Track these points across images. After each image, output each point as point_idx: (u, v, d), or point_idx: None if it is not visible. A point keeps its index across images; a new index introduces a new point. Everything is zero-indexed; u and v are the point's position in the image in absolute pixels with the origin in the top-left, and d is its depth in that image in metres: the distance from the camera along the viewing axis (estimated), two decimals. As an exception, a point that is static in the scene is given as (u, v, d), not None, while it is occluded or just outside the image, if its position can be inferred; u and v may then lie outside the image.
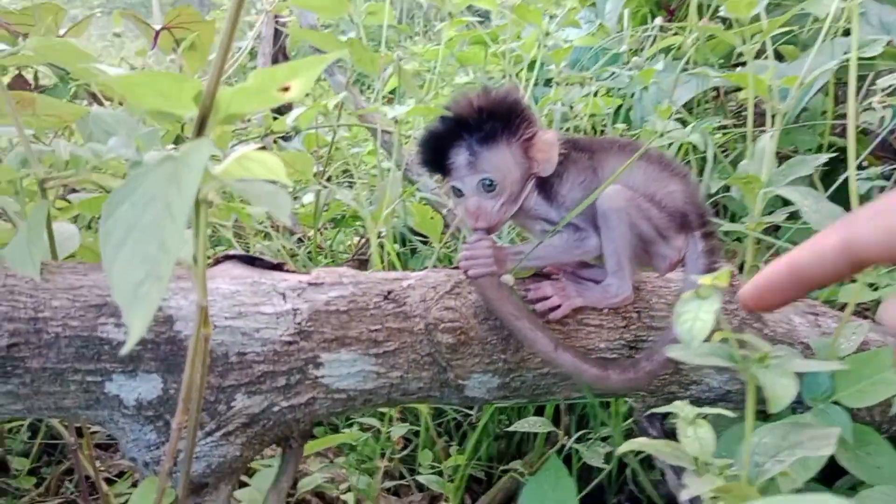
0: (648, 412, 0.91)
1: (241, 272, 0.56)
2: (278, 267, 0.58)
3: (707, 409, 0.50)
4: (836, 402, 0.65)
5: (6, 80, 1.05)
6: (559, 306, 0.60)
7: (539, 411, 0.95)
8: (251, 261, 0.58)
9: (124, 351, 0.29)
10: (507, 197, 0.61)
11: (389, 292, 0.58)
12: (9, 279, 0.49)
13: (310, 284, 0.56)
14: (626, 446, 0.51)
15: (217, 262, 0.58)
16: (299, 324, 0.54)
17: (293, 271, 0.59)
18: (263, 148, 0.41)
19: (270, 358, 0.52)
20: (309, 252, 1.21)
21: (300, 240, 1.26)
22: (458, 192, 0.61)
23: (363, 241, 1.29)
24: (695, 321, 0.41)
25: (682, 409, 0.48)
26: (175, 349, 0.50)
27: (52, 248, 0.55)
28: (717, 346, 0.45)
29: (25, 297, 0.48)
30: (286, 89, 0.38)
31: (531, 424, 0.90)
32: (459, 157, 0.59)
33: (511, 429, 0.90)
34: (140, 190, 0.34)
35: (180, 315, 0.51)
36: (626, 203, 0.58)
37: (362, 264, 1.20)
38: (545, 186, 0.63)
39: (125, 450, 0.52)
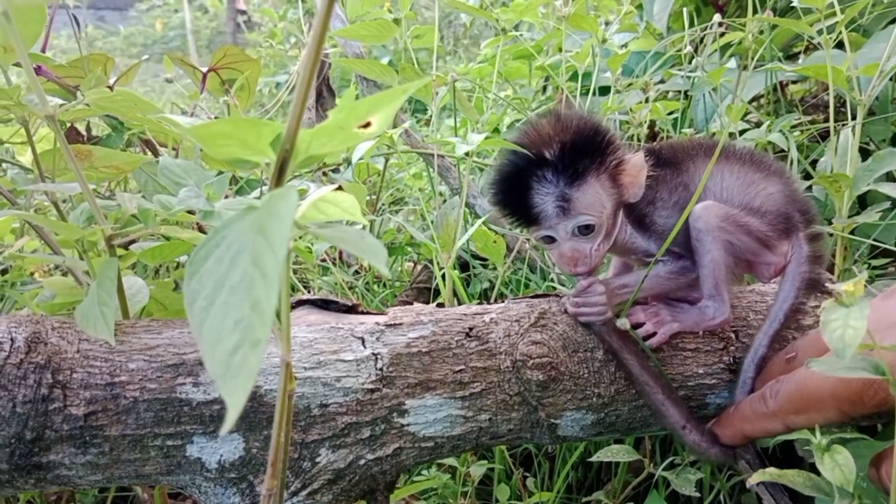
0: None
1: (317, 318, 0.53)
2: (353, 309, 0.55)
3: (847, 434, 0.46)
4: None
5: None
6: (654, 333, 0.56)
7: (620, 438, 0.90)
8: (325, 304, 0.55)
9: (224, 430, 0.26)
10: (603, 235, 0.56)
11: (471, 329, 0.55)
12: (83, 343, 0.47)
13: (388, 326, 0.53)
14: (757, 477, 0.46)
15: (291, 307, 0.55)
16: (381, 369, 0.51)
17: (368, 312, 0.56)
18: (340, 188, 0.38)
19: (353, 408, 0.49)
20: (367, 283, 1.19)
21: (356, 272, 1.24)
22: (549, 240, 0.56)
23: (420, 268, 1.26)
24: (845, 329, 0.37)
25: (814, 436, 0.44)
26: (255, 405, 0.48)
27: (122, 305, 0.54)
28: (861, 358, 0.40)
29: (101, 361, 0.46)
30: (367, 125, 0.36)
31: (614, 453, 0.85)
32: (547, 204, 0.53)
33: (593, 459, 0.85)
34: (224, 244, 0.31)
35: (259, 369, 0.48)
36: (720, 221, 0.54)
37: (421, 292, 1.17)
38: (637, 216, 0.57)
39: (209, 514, 0.50)
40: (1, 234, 0.88)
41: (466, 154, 0.64)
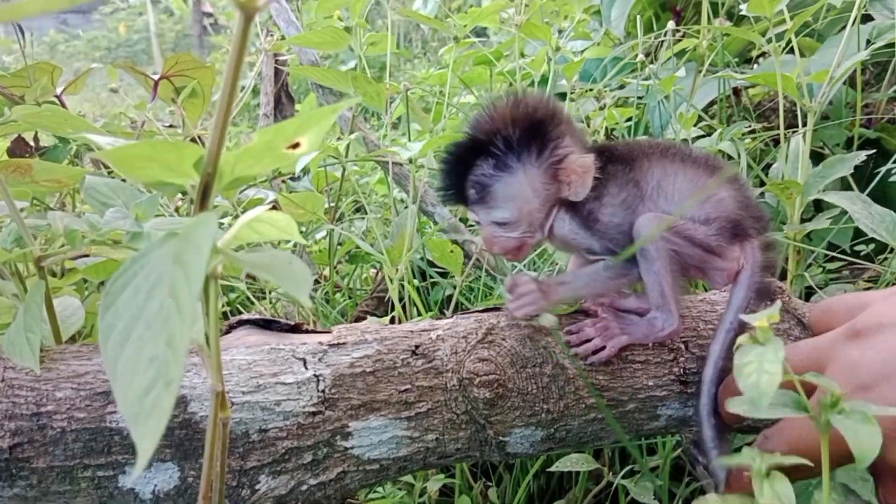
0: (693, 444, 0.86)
1: (258, 339, 0.52)
2: (296, 328, 0.54)
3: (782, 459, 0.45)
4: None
5: (5, 144, 1.03)
6: (604, 347, 0.55)
7: (580, 446, 0.90)
8: (267, 324, 0.54)
9: (132, 478, 0.24)
10: (527, 227, 0.56)
11: (417, 346, 0.54)
12: (7, 372, 0.45)
13: (331, 346, 0.52)
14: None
15: (231, 328, 0.54)
16: (323, 391, 0.49)
17: (312, 331, 0.55)
18: (275, 207, 0.37)
19: (294, 432, 0.48)
20: (326, 293, 1.17)
21: (316, 280, 1.22)
22: (477, 221, 0.57)
23: (380, 276, 1.25)
24: (760, 374, 0.36)
25: (754, 459, 0.43)
26: (191, 433, 0.46)
27: (54, 329, 0.52)
28: (782, 393, 0.40)
29: (27, 390, 0.45)
30: (296, 145, 0.35)
31: (573, 463, 0.85)
32: (471, 188, 0.54)
33: (553, 469, 0.85)
34: (143, 273, 0.30)
35: (194, 395, 0.47)
36: (664, 231, 0.53)
37: (382, 301, 1.15)
38: (581, 211, 0.57)
39: (145, 545, 0.48)
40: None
41: (410, 160, 0.63)
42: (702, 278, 0.61)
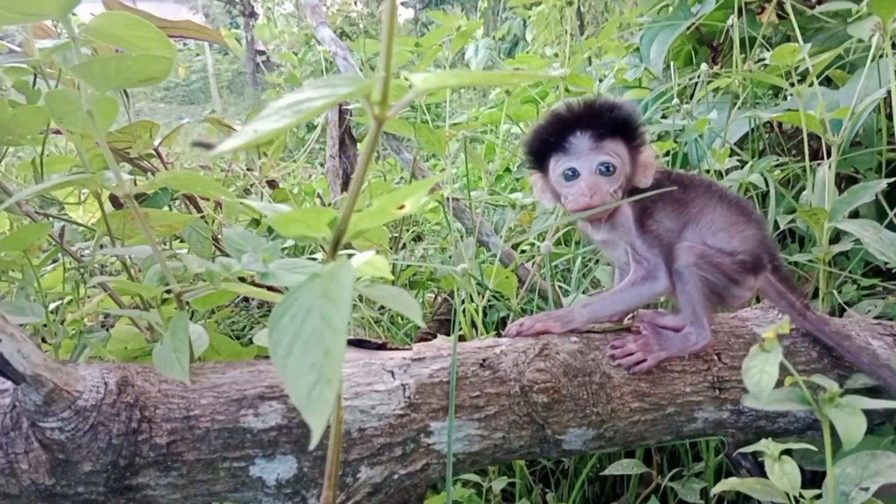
0: (739, 448, 0.93)
1: (352, 355, 0.62)
2: (383, 346, 0.65)
3: (793, 444, 0.54)
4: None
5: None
6: (645, 360, 0.65)
7: (630, 453, 0.98)
8: (359, 343, 0.65)
9: (313, 445, 0.35)
10: (618, 187, 0.66)
11: (485, 360, 0.64)
12: (163, 384, 0.57)
13: (413, 360, 0.62)
14: (720, 486, 0.54)
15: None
16: (409, 397, 0.60)
17: (396, 348, 0.65)
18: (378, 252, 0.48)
19: (387, 431, 0.59)
20: (391, 317, 1.28)
21: (382, 306, 1.33)
22: (570, 175, 0.66)
23: (440, 300, 1.35)
24: (762, 374, 0.45)
25: (767, 446, 0.52)
26: (306, 432, 0.57)
27: (189, 350, 0.63)
28: (789, 390, 0.48)
29: (178, 398, 0.56)
30: (401, 207, 0.45)
31: (624, 467, 0.93)
32: (581, 140, 0.65)
33: (605, 473, 0.93)
34: (297, 304, 0.40)
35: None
36: (696, 259, 0.63)
37: (442, 324, 1.26)
38: (641, 211, 0.68)
39: (268, 525, 0.59)
40: (54, 284, 0.98)
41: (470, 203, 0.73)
42: (721, 305, 0.70)
